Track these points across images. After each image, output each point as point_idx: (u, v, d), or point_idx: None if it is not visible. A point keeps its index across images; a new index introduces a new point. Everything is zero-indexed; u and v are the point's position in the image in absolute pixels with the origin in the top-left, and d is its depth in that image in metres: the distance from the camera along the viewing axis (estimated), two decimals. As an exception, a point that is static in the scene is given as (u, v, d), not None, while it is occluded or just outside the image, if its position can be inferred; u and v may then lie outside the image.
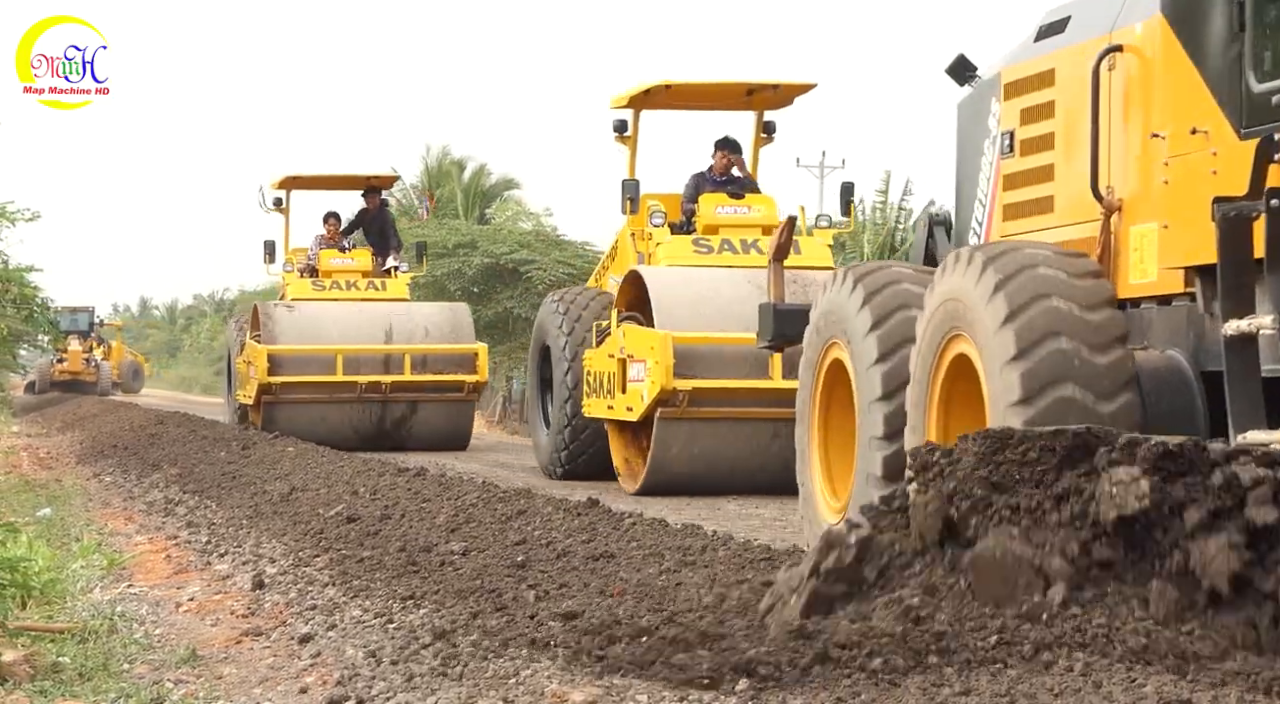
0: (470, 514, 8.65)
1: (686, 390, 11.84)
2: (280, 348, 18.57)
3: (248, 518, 10.10)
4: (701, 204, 13.59)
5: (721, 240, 13.34)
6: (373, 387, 18.49)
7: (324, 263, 20.40)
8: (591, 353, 13.34)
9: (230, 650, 6.16)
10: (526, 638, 5.40)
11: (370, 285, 20.05)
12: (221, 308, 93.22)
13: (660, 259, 13.29)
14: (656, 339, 12.00)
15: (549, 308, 14.55)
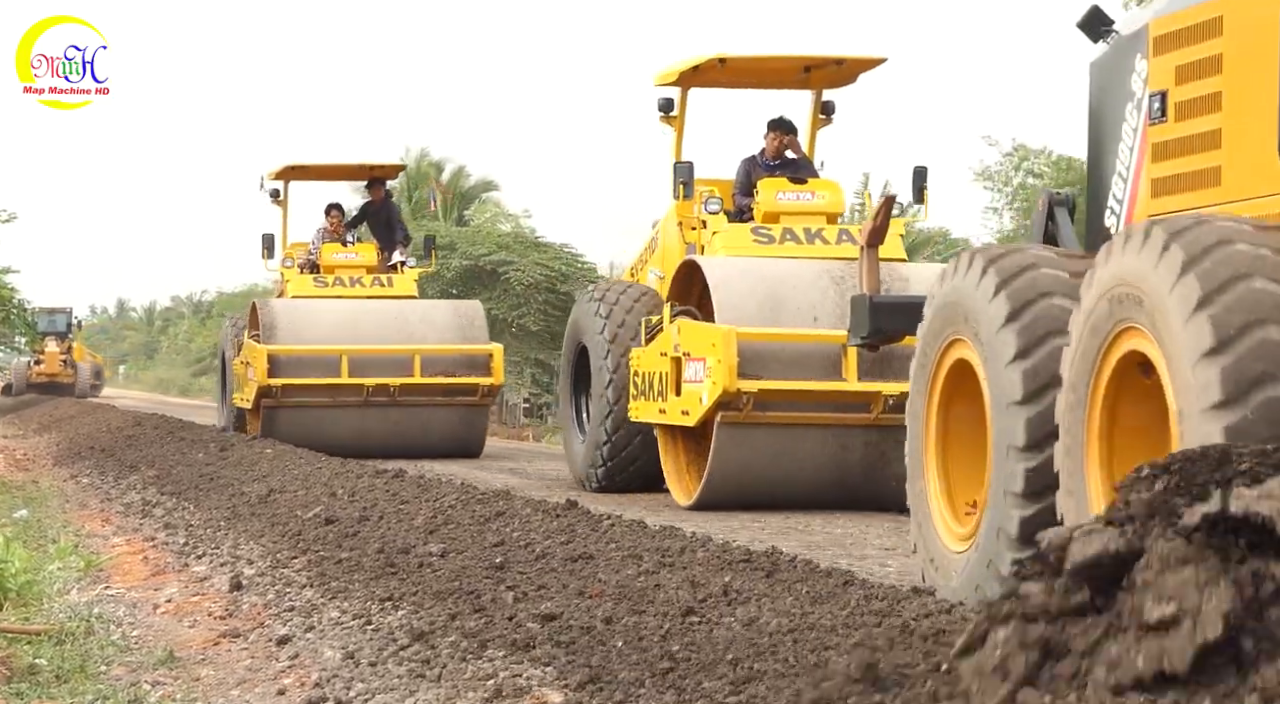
0: (449, 516, 8.65)
1: (752, 392, 10.59)
2: (281, 348, 17.17)
3: (225, 519, 10.08)
4: (761, 190, 12.32)
5: (783, 229, 12.10)
6: (380, 390, 17.13)
7: (326, 257, 19.04)
8: (640, 351, 12.07)
9: (208, 652, 6.15)
10: (505, 639, 5.40)
11: (376, 281, 18.71)
12: (200, 309, 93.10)
13: (717, 249, 12.02)
14: (719, 335, 10.72)
15: (586, 304, 13.21)
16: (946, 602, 5.42)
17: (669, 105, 12.86)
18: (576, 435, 13.50)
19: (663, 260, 12.87)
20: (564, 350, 13.86)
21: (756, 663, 4.79)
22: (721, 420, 10.75)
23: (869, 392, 10.75)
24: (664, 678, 4.77)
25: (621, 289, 13.07)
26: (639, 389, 12.03)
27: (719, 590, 5.88)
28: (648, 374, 11.85)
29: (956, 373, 6.71)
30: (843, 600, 5.58)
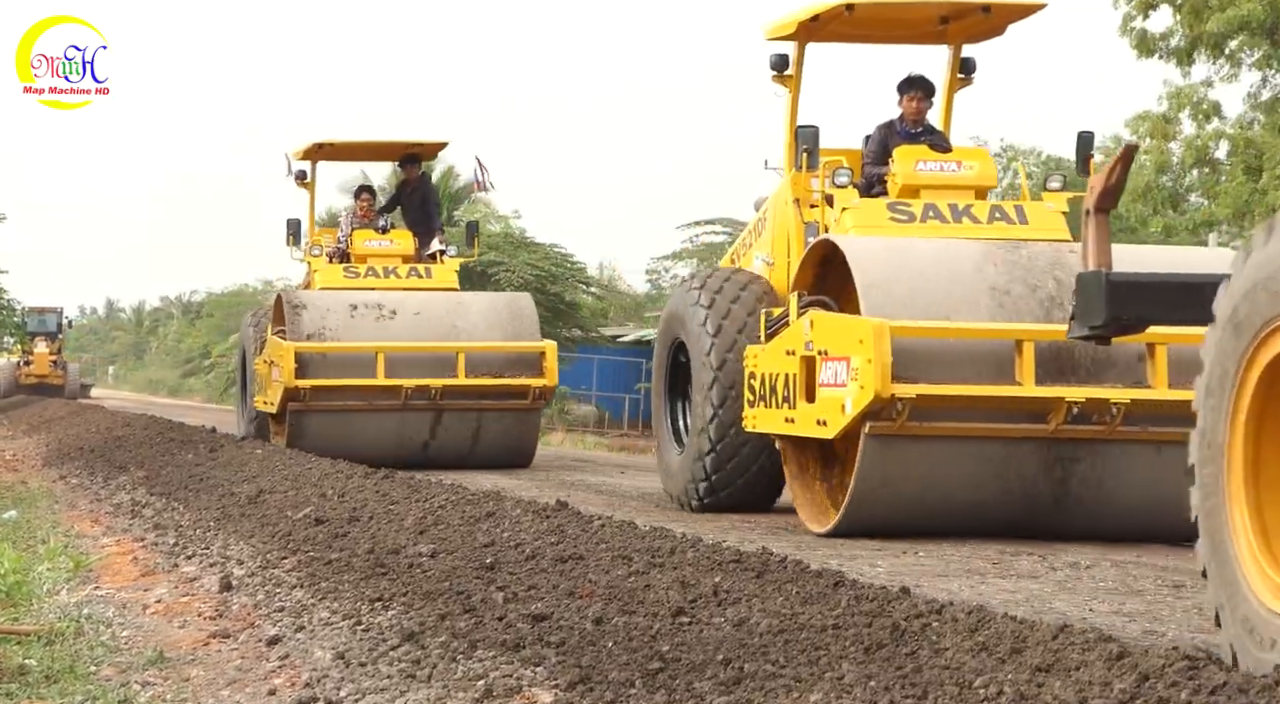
0: (439, 516, 8.64)
1: (908, 399, 8.79)
2: (311, 346, 15.38)
3: (215, 520, 10.07)
4: (898, 158, 10.56)
5: (925, 205, 10.32)
6: (420, 392, 15.30)
7: (358, 245, 17.22)
8: (758, 350, 10.29)
9: (198, 652, 6.14)
10: (496, 639, 5.40)
11: (413, 272, 16.85)
12: (189, 310, 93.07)
13: (847, 228, 10.20)
14: (868, 329, 8.86)
15: (686, 296, 11.40)
16: (937, 602, 5.42)
17: (783, 62, 11.17)
18: (672, 446, 11.80)
19: (773, 244, 11.31)
20: (657, 349, 12.12)
21: (747, 663, 4.79)
22: (870, 432, 8.94)
23: (1049, 398, 8.98)
24: (654, 678, 4.77)
25: (725, 276, 11.35)
26: (757, 394, 10.24)
27: (709, 591, 5.88)
28: (769, 376, 10.07)
29: (1274, 376, 4.99)
30: (833, 601, 5.58)
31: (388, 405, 15.37)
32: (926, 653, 4.71)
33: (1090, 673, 4.27)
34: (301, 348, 15.33)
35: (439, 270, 17.04)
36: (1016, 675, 4.34)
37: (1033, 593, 7.12)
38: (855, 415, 8.95)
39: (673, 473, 11.64)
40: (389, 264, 16.98)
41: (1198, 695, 3.94)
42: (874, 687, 4.42)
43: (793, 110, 11.25)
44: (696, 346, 11.13)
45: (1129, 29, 21.64)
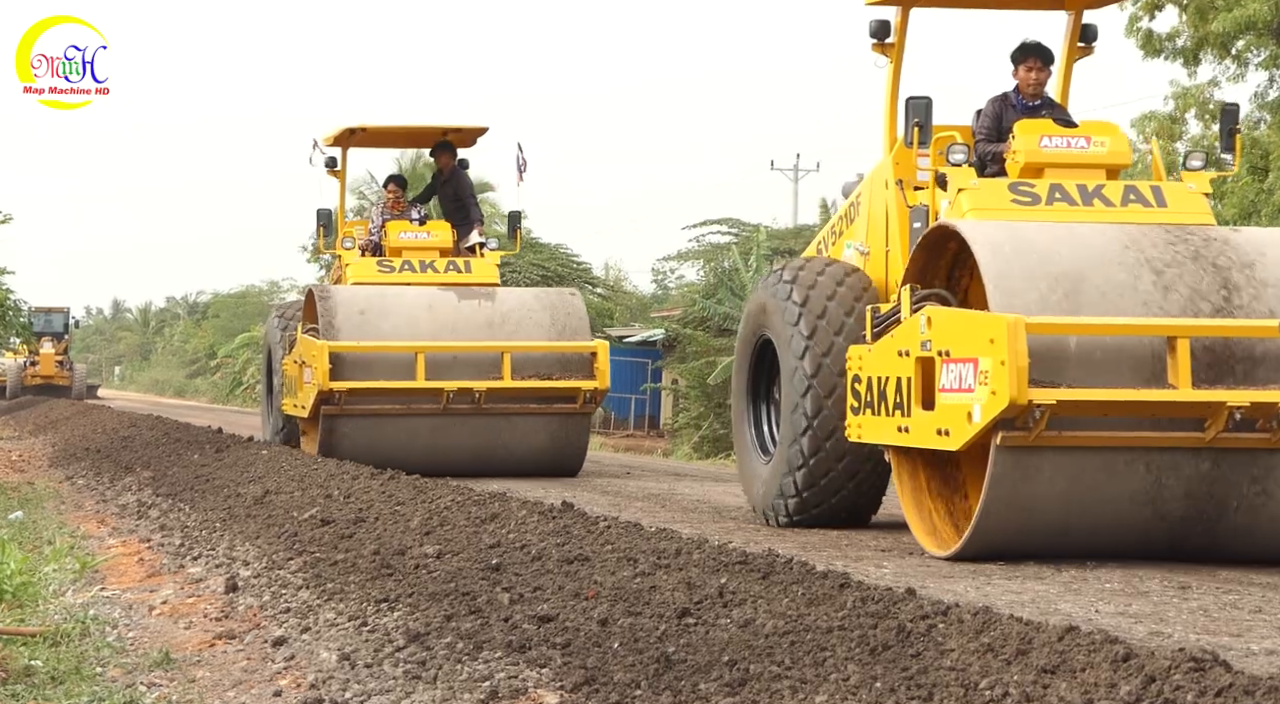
0: (444, 517, 8.64)
1: (1047, 404, 7.68)
2: (347, 345, 14.30)
3: (221, 521, 10.07)
4: (1019, 134, 9.32)
5: (1050, 186, 9.12)
6: (463, 395, 14.26)
7: (392, 238, 16.02)
8: (863, 350, 9.20)
9: (203, 653, 6.14)
10: (501, 640, 5.40)
11: (451, 266, 15.66)
12: (195, 310, 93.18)
13: (965, 212, 9.02)
14: (1000, 327, 7.71)
15: (775, 290, 10.19)
16: (942, 604, 5.42)
17: (884, 29, 10.15)
18: (756, 456, 10.62)
19: (869, 231, 10.21)
20: (739, 347, 10.86)
21: (752, 664, 4.79)
22: (1002, 443, 7.85)
23: (1207, 403, 7.90)
24: (660, 679, 4.77)
25: (819, 268, 10.16)
26: (863, 400, 9.13)
27: (715, 592, 5.87)
28: (877, 380, 8.96)
29: None
30: (839, 602, 5.58)
31: (428, 409, 14.33)
32: (932, 654, 4.71)
33: (1096, 674, 4.27)
34: (336, 347, 14.23)
35: (479, 264, 15.80)
36: (1022, 677, 4.34)
37: (1038, 594, 7.11)
38: (985, 425, 7.84)
39: (757, 485, 10.44)
40: (426, 258, 15.79)
41: (1203, 697, 3.94)
42: (879, 688, 4.42)
43: (894, 82, 10.12)
44: (787, 346, 10.00)
45: (1135, 29, 21.63)
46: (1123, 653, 4.38)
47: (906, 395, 8.60)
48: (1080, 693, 4.11)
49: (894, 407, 8.75)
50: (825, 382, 9.78)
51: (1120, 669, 4.27)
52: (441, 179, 16.73)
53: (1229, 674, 4.10)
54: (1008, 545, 8.20)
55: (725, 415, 28.38)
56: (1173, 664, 4.20)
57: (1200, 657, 4.26)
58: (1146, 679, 4.12)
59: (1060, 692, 4.15)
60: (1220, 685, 3.99)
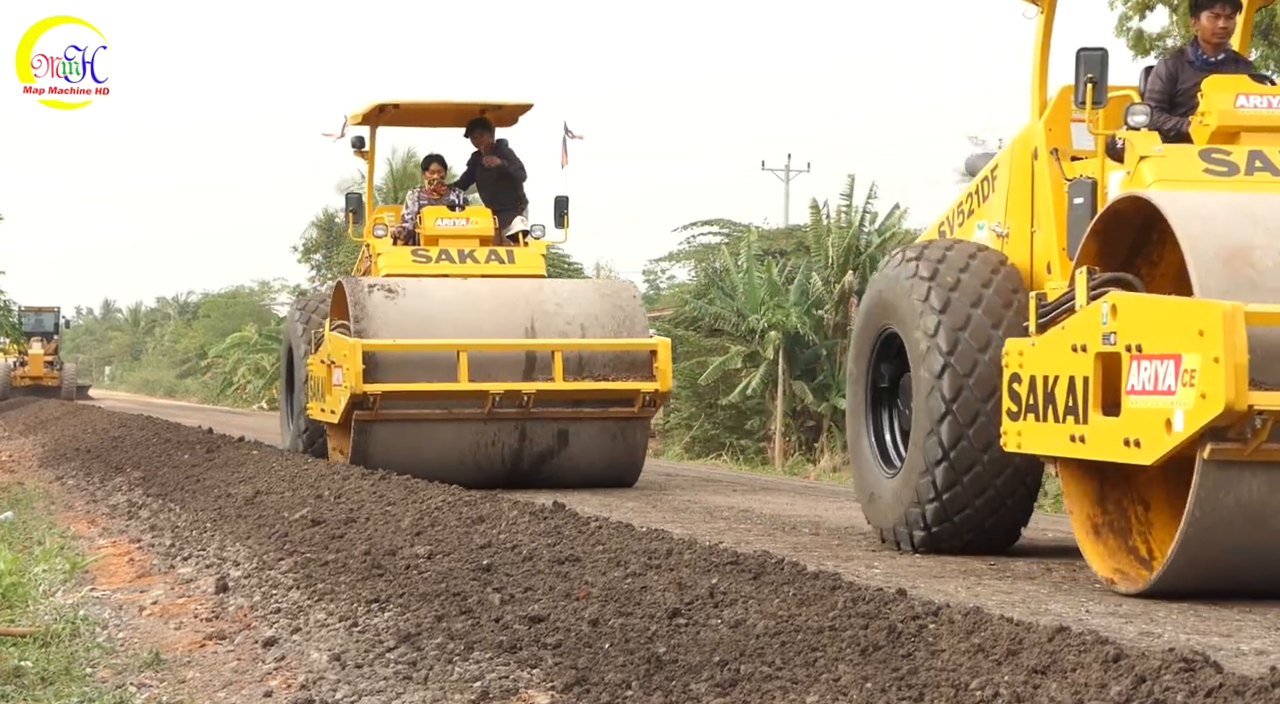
0: (435, 517, 8.64)
1: (1273, 411, 6.37)
2: (382, 343, 12.95)
3: (211, 521, 10.06)
4: (1209, 93, 7.94)
5: (1249, 153, 7.76)
6: (510, 398, 12.94)
7: (428, 225, 14.54)
8: (1024, 345, 7.81)
9: (194, 654, 6.14)
10: (492, 641, 5.40)
11: (493, 256, 14.29)
12: (185, 310, 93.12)
13: (1148, 183, 7.71)
14: (1213, 317, 6.39)
15: (898, 269, 8.81)
16: (933, 604, 5.43)
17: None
18: (877, 469, 9.15)
19: (1008, 208, 8.82)
20: (855, 344, 9.37)
21: (743, 665, 4.79)
22: (1211, 457, 6.52)
23: None
24: (650, 679, 4.77)
25: (947, 247, 8.79)
26: (1024, 403, 7.78)
27: (706, 592, 5.88)
28: (1043, 380, 7.62)
29: None
30: (830, 602, 5.58)
31: (471, 414, 13.00)
32: (923, 654, 4.71)
33: (1087, 675, 4.27)
34: (371, 346, 12.85)
35: (523, 254, 14.44)
36: (1013, 677, 4.34)
37: (1029, 594, 7.12)
38: (1190, 435, 6.51)
39: (880, 502, 9.00)
40: (465, 246, 14.35)
41: (1194, 697, 3.94)
42: (870, 688, 4.42)
43: (1045, 36, 8.72)
44: (919, 342, 8.55)
45: (1125, 29, 21.65)
46: (1113, 653, 4.39)
47: (1082, 398, 7.27)
48: (1071, 693, 4.12)
49: (1065, 412, 7.42)
50: (965, 379, 8.34)
51: (1111, 670, 4.27)
52: (483, 161, 15.11)
53: (1219, 675, 4.11)
54: (1211, 578, 6.89)
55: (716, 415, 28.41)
56: (1163, 664, 4.21)
57: (1190, 657, 4.27)
58: (1137, 679, 4.13)
59: (1051, 692, 4.16)
60: (1210, 686, 3.99)
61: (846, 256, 37.35)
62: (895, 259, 9.01)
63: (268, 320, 65.55)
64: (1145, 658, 4.31)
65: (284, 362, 16.54)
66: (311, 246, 59.79)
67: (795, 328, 31.95)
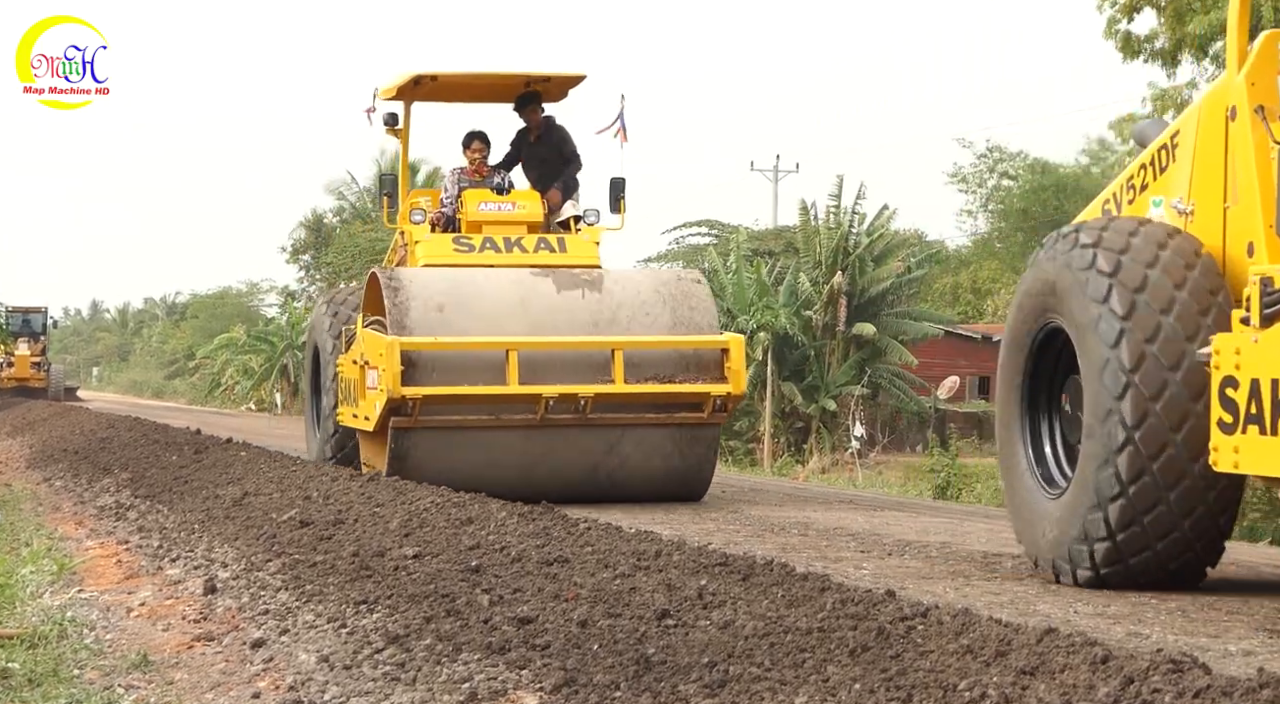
0: (424, 519, 8.63)
1: None
2: (423, 341, 11.64)
3: (200, 522, 10.05)
4: None
5: None
6: (565, 403, 11.67)
7: (471, 209, 13.11)
8: (1240, 340, 6.60)
9: (182, 656, 6.13)
10: (481, 642, 5.39)
11: (543, 244, 12.82)
12: (173, 311, 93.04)
13: None
14: None
15: (1069, 257, 7.33)
16: (922, 605, 5.43)
17: None
18: (1035, 487, 7.76)
19: (1193, 182, 7.51)
20: (1007, 344, 7.97)
21: (732, 666, 4.79)
22: None
23: None
24: (639, 681, 4.77)
25: (1131, 231, 7.33)
26: (1242, 414, 6.52)
27: (694, 594, 5.88)
28: (1271, 386, 6.39)
29: None
30: (818, 604, 5.58)
31: (521, 421, 11.73)
32: (911, 655, 4.72)
33: (1075, 676, 4.27)
34: (410, 344, 11.57)
35: (575, 242, 12.99)
36: (1001, 678, 4.35)
37: (1017, 595, 7.13)
38: None
39: (1036, 527, 7.62)
40: (511, 234, 12.92)
41: (1181, 698, 3.95)
42: (859, 689, 4.43)
43: None
44: (1093, 348, 7.16)
45: (1114, 31, 21.68)
46: (1101, 654, 4.39)
47: None
48: (1059, 694, 4.12)
49: None
50: (1151, 378, 6.99)
51: (1099, 671, 4.28)
52: (530, 140, 13.65)
53: (1207, 676, 4.11)
54: None
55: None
56: (1151, 665, 4.21)
57: (1178, 658, 4.28)
58: (1125, 680, 4.13)
59: (1039, 693, 4.16)
60: (1198, 687, 4.00)
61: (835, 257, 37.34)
62: (1066, 240, 7.45)
63: (256, 321, 65.53)
64: (1133, 659, 4.31)
65: (309, 362, 15.15)
66: (300, 247, 59.78)
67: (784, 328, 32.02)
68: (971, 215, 58.30)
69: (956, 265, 55.18)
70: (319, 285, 59.21)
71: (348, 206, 55.68)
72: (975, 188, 55.81)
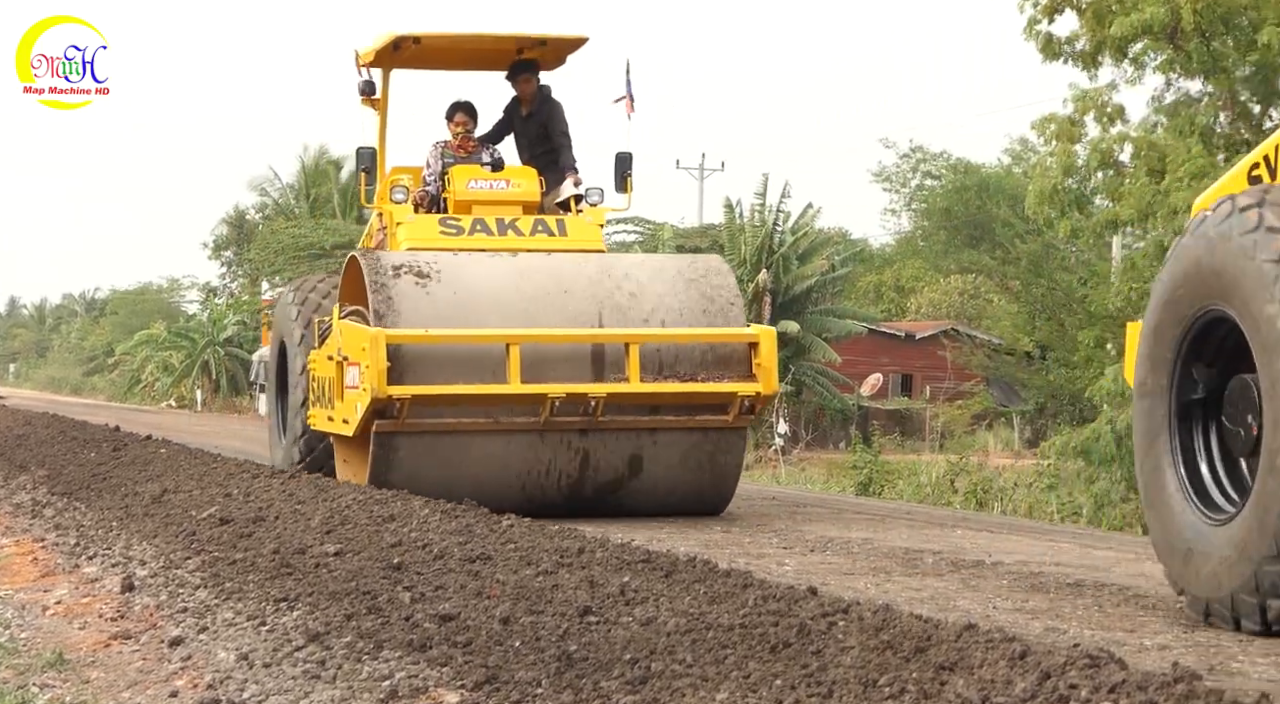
0: (345, 516, 8.59)
1: None
2: (412, 333, 10.29)
3: (118, 520, 9.95)
4: None
5: None
6: (573, 404, 10.31)
7: (459, 187, 11.71)
8: None
9: (98, 654, 6.07)
10: (402, 639, 5.37)
11: (540, 226, 11.47)
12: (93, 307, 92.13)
13: None
14: None
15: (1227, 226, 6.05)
16: (843, 602, 5.46)
17: None
18: (1192, 514, 6.34)
19: None
20: (1149, 340, 6.54)
21: (654, 662, 4.79)
22: None
23: None
24: (561, 677, 4.77)
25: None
26: None
27: (617, 590, 5.88)
28: None
29: None
30: (740, 600, 5.60)
31: (523, 424, 10.40)
32: (832, 651, 4.74)
33: (993, 671, 4.31)
34: (397, 337, 10.23)
35: (576, 224, 11.63)
36: (921, 674, 4.37)
37: (937, 591, 7.18)
38: None
39: (1201, 562, 6.22)
40: (505, 215, 11.56)
41: (1097, 693, 3.99)
42: (780, 685, 4.44)
43: None
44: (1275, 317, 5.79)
45: (1035, 32, 21.86)
46: (1020, 650, 4.43)
47: None
48: (977, 690, 4.15)
49: None
50: None
51: (1017, 666, 4.31)
52: (523, 112, 12.30)
53: (1122, 670, 4.16)
54: None
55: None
56: (1068, 661, 4.25)
57: (1095, 654, 4.32)
58: (1042, 675, 4.17)
59: (958, 688, 4.19)
60: (1114, 682, 4.04)
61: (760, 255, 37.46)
62: (1220, 211, 6.18)
63: (176, 317, 65.01)
64: (1051, 654, 4.35)
65: (274, 359, 13.49)
66: (221, 244, 59.36)
67: (708, 326, 31.98)
68: (895, 214, 58.77)
69: (880, 264, 55.55)
70: (241, 282, 58.84)
71: (270, 203, 55.34)
72: (899, 187, 56.25)
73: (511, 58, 12.28)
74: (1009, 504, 20.83)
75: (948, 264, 50.27)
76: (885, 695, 4.24)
